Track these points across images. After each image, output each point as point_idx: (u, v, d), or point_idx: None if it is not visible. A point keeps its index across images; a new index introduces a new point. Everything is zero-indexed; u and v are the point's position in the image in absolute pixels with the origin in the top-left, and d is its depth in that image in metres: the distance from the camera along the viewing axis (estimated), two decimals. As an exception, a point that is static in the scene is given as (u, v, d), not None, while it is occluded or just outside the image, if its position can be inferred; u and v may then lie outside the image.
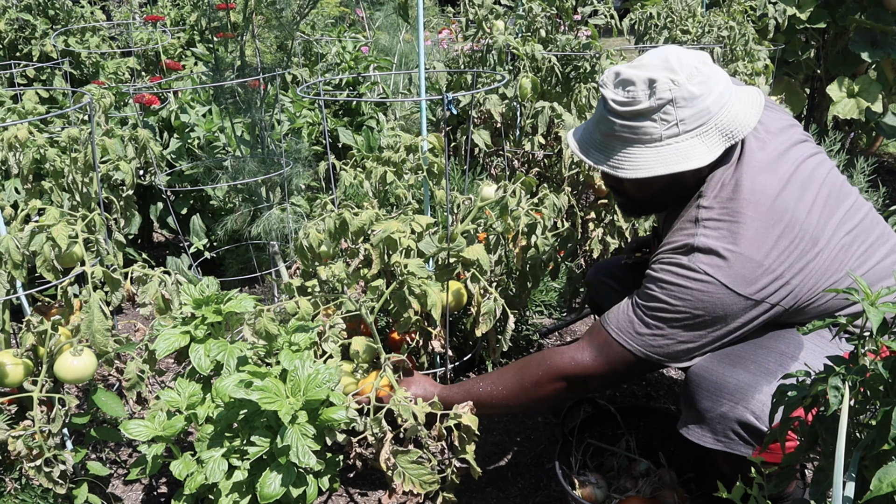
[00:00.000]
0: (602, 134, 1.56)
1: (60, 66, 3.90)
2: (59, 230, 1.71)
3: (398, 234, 1.77)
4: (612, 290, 2.17)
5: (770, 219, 1.46)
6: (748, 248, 1.44)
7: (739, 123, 1.49)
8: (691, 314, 1.48)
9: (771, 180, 1.51)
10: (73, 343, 1.72)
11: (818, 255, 1.49)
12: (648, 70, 1.47)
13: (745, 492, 1.25)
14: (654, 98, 1.45)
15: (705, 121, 1.47)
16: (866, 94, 4.25)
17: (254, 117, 2.60)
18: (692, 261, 1.47)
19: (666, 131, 1.47)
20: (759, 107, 1.53)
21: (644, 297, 1.55)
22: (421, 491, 1.68)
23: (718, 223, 1.48)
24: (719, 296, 1.45)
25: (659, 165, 1.48)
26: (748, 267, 1.44)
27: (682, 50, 1.51)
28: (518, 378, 1.70)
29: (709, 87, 1.46)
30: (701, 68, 1.47)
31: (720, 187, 1.52)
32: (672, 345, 1.53)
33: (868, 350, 1.06)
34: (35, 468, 1.65)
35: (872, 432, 1.04)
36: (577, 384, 1.65)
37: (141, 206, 3.19)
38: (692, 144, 1.47)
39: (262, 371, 1.59)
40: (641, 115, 1.48)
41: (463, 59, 3.11)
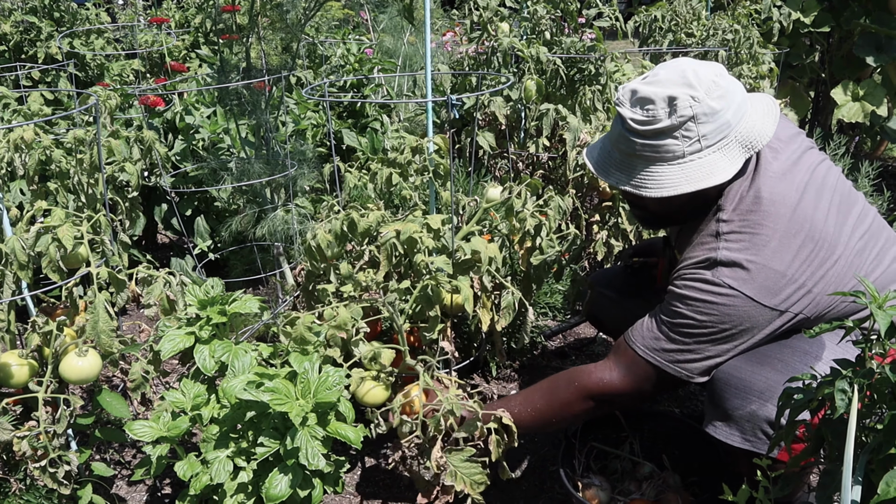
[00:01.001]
0: (621, 153, 1.55)
1: (65, 68, 3.91)
2: (65, 231, 1.71)
3: (417, 234, 1.77)
4: (609, 300, 2.16)
5: (791, 229, 1.46)
6: (771, 259, 1.44)
7: (758, 133, 1.48)
8: (718, 328, 1.48)
9: (789, 190, 1.51)
10: (78, 344, 1.72)
11: (836, 261, 1.49)
12: (666, 87, 1.45)
13: (751, 495, 1.25)
14: (675, 116, 1.44)
15: (726, 134, 1.46)
16: (871, 97, 4.24)
17: (258, 119, 2.60)
18: (716, 275, 1.47)
19: (688, 148, 1.46)
20: (774, 116, 1.52)
21: (668, 313, 1.54)
22: (471, 491, 1.66)
23: (740, 235, 1.48)
24: (745, 308, 1.45)
25: (685, 183, 1.47)
26: (772, 278, 1.44)
27: (697, 63, 1.50)
28: (547, 399, 1.70)
29: (728, 101, 1.45)
30: (719, 82, 1.46)
31: (738, 199, 1.51)
32: (699, 360, 1.53)
33: (875, 353, 1.06)
34: (40, 469, 1.66)
35: (879, 436, 1.04)
36: (605, 403, 1.66)
37: (146, 207, 3.20)
38: (714, 159, 1.47)
39: (272, 372, 1.59)
40: (663, 134, 1.46)
41: (467, 61, 3.12)
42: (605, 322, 2.26)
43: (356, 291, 1.83)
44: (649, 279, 2.16)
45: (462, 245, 1.85)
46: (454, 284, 1.74)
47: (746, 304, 1.45)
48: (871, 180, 3.52)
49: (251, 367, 1.66)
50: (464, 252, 1.85)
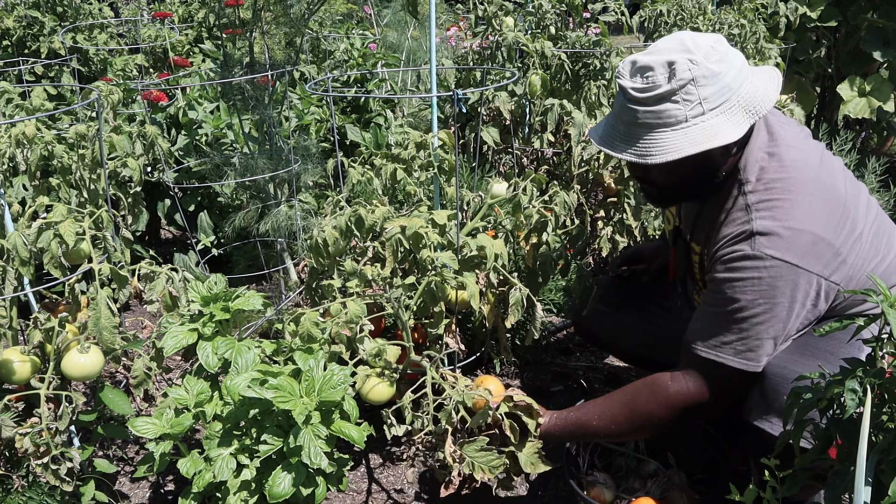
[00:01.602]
0: (625, 125, 1.54)
1: (68, 63, 3.91)
2: (67, 227, 1.71)
3: (423, 230, 1.76)
4: (602, 314, 2.14)
5: (820, 193, 1.48)
6: (806, 223, 1.44)
7: (761, 98, 1.48)
8: (770, 303, 1.45)
9: (809, 157, 1.53)
10: (80, 340, 1.72)
11: (861, 235, 1.50)
12: (665, 54, 1.46)
13: (759, 494, 1.24)
14: (675, 80, 1.44)
15: (728, 97, 1.46)
16: (878, 93, 4.21)
17: (262, 114, 2.59)
18: (755, 248, 1.45)
19: (690, 111, 1.45)
20: (777, 82, 1.52)
21: (716, 302, 1.52)
22: (490, 476, 1.66)
23: (771, 203, 1.48)
24: (791, 275, 1.44)
25: (688, 146, 1.45)
26: (810, 241, 1.44)
27: (695, 33, 1.51)
28: (628, 412, 1.66)
29: (727, 64, 1.45)
30: (717, 47, 1.47)
31: (760, 169, 1.52)
32: (759, 345, 1.50)
33: (887, 353, 1.04)
34: (42, 465, 1.65)
35: (889, 436, 1.02)
36: (690, 412, 1.61)
37: (149, 202, 3.18)
38: (718, 122, 1.46)
39: (276, 370, 1.58)
40: (663, 99, 1.46)
41: (472, 56, 3.10)
42: (600, 336, 2.24)
43: (361, 287, 1.81)
44: (641, 287, 2.14)
45: (468, 241, 1.84)
46: (460, 281, 1.73)
47: (791, 273, 1.43)
48: (878, 176, 3.50)
49: (254, 365, 1.65)
50: (470, 248, 1.84)
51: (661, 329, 2.05)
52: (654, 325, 2.08)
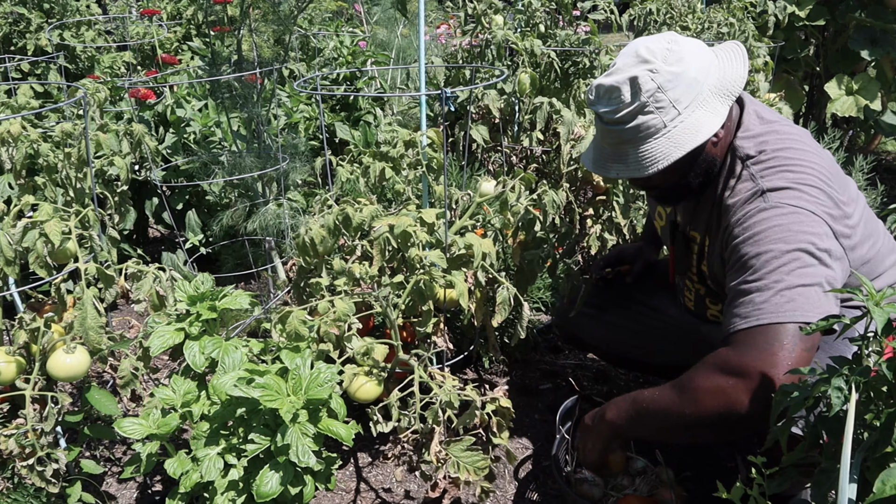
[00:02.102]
0: (611, 146, 1.57)
1: (55, 61, 3.87)
2: (53, 226, 1.69)
3: (412, 228, 1.75)
4: (587, 317, 2.15)
5: (822, 162, 1.50)
6: (817, 183, 1.45)
7: (731, 79, 1.51)
8: (799, 248, 1.37)
9: (804, 133, 1.56)
10: (66, 340, 1.70)
11: (855, 211, 1.52)
12: (625, 71, 1.49)
13: (745, 492, 1.24)
14: (642, 94, 1.47)
15: (698, 90, 1.48)
16: (865, 91, 4.24)
17: (250, 112, 2.58)
18: (768, 201, 1.45)
19: (666, 117, 1.48)
20: (742, 57, 1.55)
21: (739, 268, 1.43)
22: (475, 478, 1.66)
23: (777, 167, 1.49)
24: (812, 222, 1.39)
25: (675, 150, 1.48)
26: (823, 199, 1.44)
27: (646, 39, 1.53)
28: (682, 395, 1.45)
29: (687, 62, 1.48)
30: (672, 47, 1.49)
31: (759, 143, 1.53)
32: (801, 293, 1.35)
33: (872, 351, 1.05)
34: (27, 467, 1.64)
35: (875, 434, 1.03)
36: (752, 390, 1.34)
37: (136, 201, 3.17)
38: (697, 117, 1.48)
39: (263, 369, 1.57)
40: (637, 114, 1.49)
41: (461, 54, 3.09)
42: (584, 339, 2.23)
43: (349, 286, 1.81)
44: (625, 287, 2.14)
45: (456, 240, 1.83)
46: (448, 279, 1.73)
47: (812, 219, 1.40)
48: (865, 174, 3.52)
49: (242, 364, 1.65)
50: (458, 247, 1.83)
51: (647, 328, 2.06)
52: (639, 325, 2.08)
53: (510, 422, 1.71)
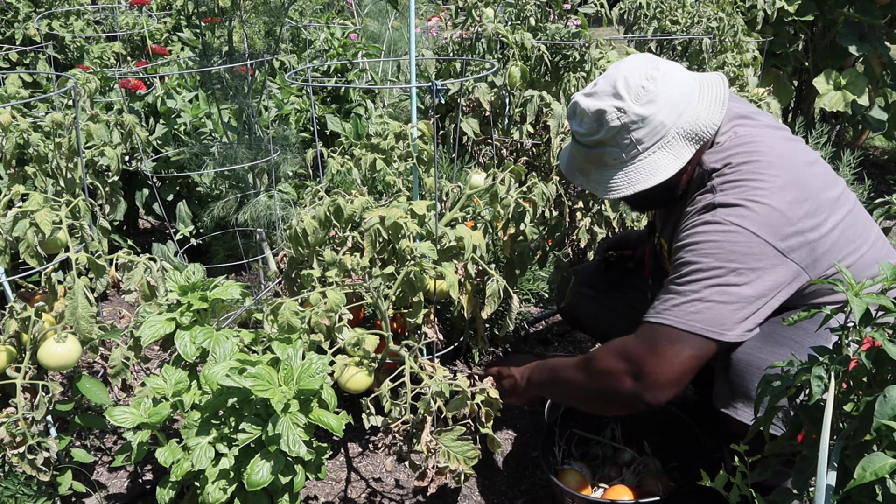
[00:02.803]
0: (578, 160, 1.65)
1: (44, 51, 3.85)
2: (43, 216, 1.69)
3: (402, 220, 1.77)
4: (587, 298, 2.16)
5: (788, 177, 1.48)
6: (770, 199, 1.45)
7: (703, 124, 1.53)
8: (725, 268, 1.43)
9: (779, 144, 1.55)
10: (56, 330, 1.71)
11: (826, 226, 1.51)
12: (598, 100, 1.53)
13: (729, 480, 1.26)
14: (606, 128, 1.52)
15: (663, 134, 1.52)
16: (853, 87, 4.27)
17: (241, 103, 2.58)
18: (716, 215, 1.47)
19: (626, 154, 1.54)
20: (723, 101, 1.55)
21: (674, 269, 1.52)
22: (465, 467, 1.67)
23: (735, 183, 1.49)
24: (749, 244, 1.43)
25: (627, 186, 1.55)
26: (773, 217, 1.44)
27: (631, 67, 1.53)
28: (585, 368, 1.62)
29: (658, 105, 1.50)
30: (647, 86, 1.50)
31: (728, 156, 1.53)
32: (709, 308, 1.44)
33: (852, 341, 1.07)
34: (18, 455, 1.64)
35: (855, 422, 1.05)
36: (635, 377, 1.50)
37: (127, 192, 3.16)
38: (657, 158, 1.53)
39: (254, 359, 1.58)
40: (602, 144, 1.55)
41: (452, 46, 3.10)
42: (581, 320, 2.25)
43: (340, 277, 1.82)
44: (626, 272, 2.16)
45: (447, 231, 1.84)
46: (438, 271, 1.74)
47: (751, 240, 1.43)
48: (853, 169, 3.56)
49: (233, 354, 1.65)
50: (448, 238, 1.85)
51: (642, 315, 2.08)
52: (635, 312, 2.10)
53: (498, 412, 1.73)
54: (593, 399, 1.64)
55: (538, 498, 1.97)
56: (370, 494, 1.98)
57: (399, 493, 1.99)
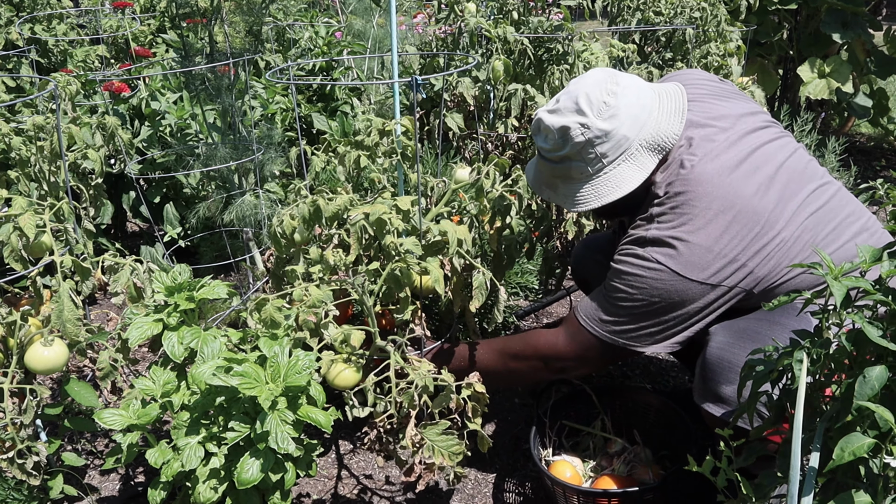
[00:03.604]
0: (545, 175, 1.69)
1: (27, 55, 3.83)
2: (27, 220, 1.69)
3: (387, 216, 1.77)
4: (599, 264, 2.18)
5: (719, 206, 1.50)
6: (697, 236, 1.50)
7: (664, 134, 1.57)
8: (648, 301, 1.55)
9: (718, 169, 1.55)
10: (43, 333, 1.70)
11: (776, 236, 1.52)
12: (562, 116, 1.57)
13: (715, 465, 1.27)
14: (570, 144, 1.56)
15: (627, 147, 1.56)
16: (837, 74, 4.29)
17: (224, 103, 2.57)
18: (646, 251, 1.54)
19: (591, 168, 1.58)
20: (682, 110, 1.59)
21: (608, 287, 1.63)
22: (450, 462, 1.68)
23: (670, 216, 1.54)
24: (672, 283, 1.51)
25: (594, 199, 1.60)
26: (698, 254, 1.50)
27: (591, 84, 1.57)
28: (499, 355, 1.82)
29: (620, 119, 1.54)
30: (609, 101, 1.54)
31: (668, 184, 1.57)
32: (635, 330, 1.60)
33: (832, 323, 1.08)
34: (7, 460, 1.64)
35: (836, 404, 1.06)
36: (554, 368, 1.76)
37: (113, 195, 3.15)
38: (622, 170, 1.57)
39: (241, 357, 1.58)
40: (567, 159, 1.60)
41: (436, 42, 3.10)
42: (591, 284, 2.28)
43: (325, 274, 1.82)
44: None
45: (431, 227, 1.85)
46: (423, 266, 1.74)
47: (673, 279, 1.51)
48: (838, 156, 3.58)
49: (220, 353, 1.65)
50: (433, 234, 1.85)
51: None
52: None
53: (485, 407, 1.73)
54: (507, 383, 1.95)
55: (530, 490, 1.97)
56: (361, 491, 1.99)
57: (390, 489, 1.99)
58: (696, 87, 1.76)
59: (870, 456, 0.99)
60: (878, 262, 1.08)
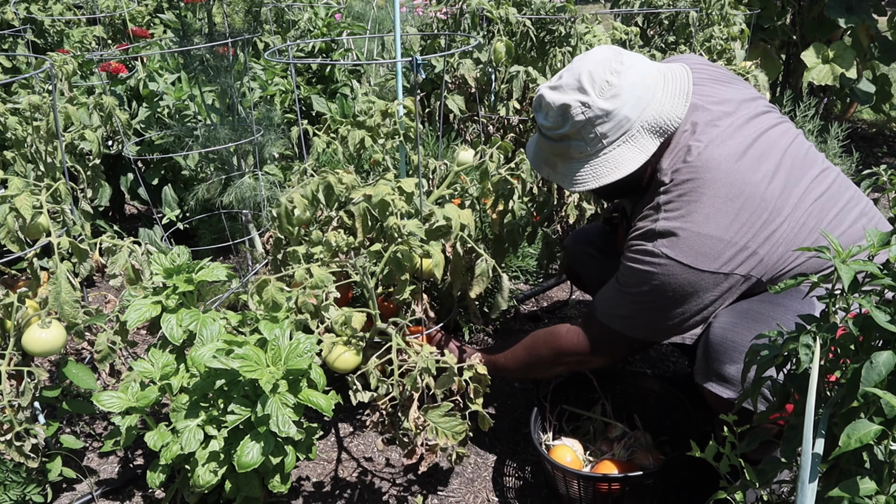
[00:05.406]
0: (545, 152, 1.66)
1: (23, 35, 3.79)
2: (23, 201, 1.67)
3: (390, 197, 1.75)
4: (591, 257, 2.17)
5: (727, 193, 1.49)
6: (706, 226, 1.48)
7: (667, 117, 1.54)
8: (663, 295, 1.54)
9: (725, 155, 1.53)
10: (40, 315, 1.69)
11: (783, 223, 1.51)
12: (563, 94, 1.54)
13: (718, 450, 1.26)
14: (570, 123, 1.53)
15: (628, 128, 1.53)
16: (841, 59, 4.26)
17: (223, 84, 2.54)
18: (656, 246, 1.52)
19: (591, 148, 1.55)
20: (687, 92, 1.56)
21: (622, 282, 1.62)
22: (453, 442, 1.69)
23: (677, 204, 1.52)
24: (685, 276, 1.50)
25: (592, 180, 1.57)
26: (708, 244, 1.48)
27: (595, 61, 1.54)
28: (527, 355, 1.84)
29: (622, 99, 1.51)
30: (612, 80, 1.51)
31: (674, 171, 1.55)
32: (654, 323, 1.60)
33: (839, 308, 1.06)
34: (5, 442, 1.63)
35: (842, 390, 1.05)
36: (581, 363, 1.78)
37: (112, 177, 3.13)
38: (621, 151, 1.54)
39: (241, 340, 1.57)
40: (567, 138, 1.57)
41: (436, 24, 3.07)
42: (583, 277, 2.29)
43: (327, 256, 1.80)
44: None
45: (435, 210, 1.83)
46: (425, 249, 1.72)
47: (685, 272, 1.50)
48: (840, 142, 3.55)
49: (220, 336, 1.64)
50: (437, 217, 1.83)
51: None
52: None
53: (487, 388, 1.73)
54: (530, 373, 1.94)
55: (530, 474, 1.97)
56: (361, 474, 1.98)
57: (390, 471, 1.99)
58: (697, 70, 1.73)
59: (875, 443, 0.98)
60: (886, 246, 1.07)
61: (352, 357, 1.72)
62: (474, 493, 1.92)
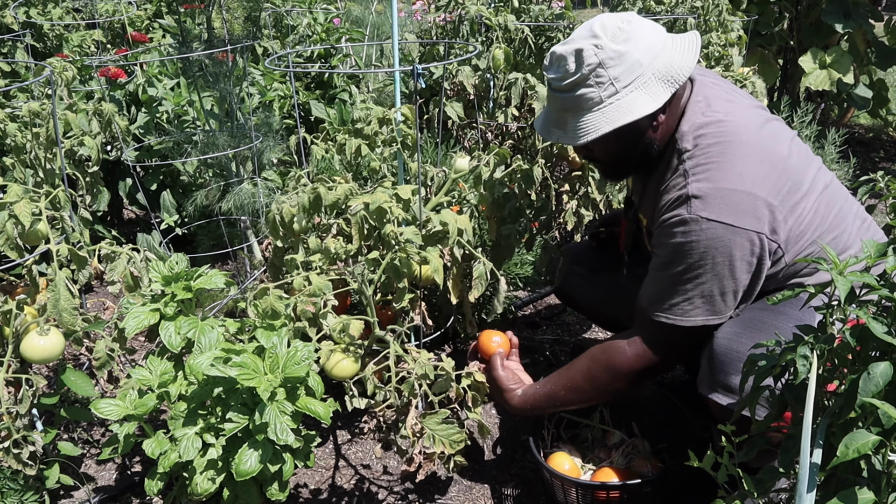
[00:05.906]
0: (556, 112, 1.63)
1: (22, 39, 3.79)
2: (22, 207, 1.67)
3: (387, 204, 1.75)
4: (580, 277, 2.17)
5: (756, 156, 1.50)
6: (741, 182, 1.48)
7: (678, 67, 1.54)
8: (709, 263, 1.49)
9: (750, 121, 1.56)
10: (39, 322, 1.69)
11: (803, 199, 1.53)
12: (575, 42, 1.54)
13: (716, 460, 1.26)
14: (584, 66, 1.52)
15: (640, 73, 1.52)
16: (838, 65, 4.27)
17: (222, 90, 2.55)
18: (691, 211, 1.50)
19: (604, 92, 1.53)
20: (695, 49, 1.57)
21: (659, 266, 1.58)
22: (450, 451, 1.67)
23: (706, 166, 1.51)
24: (727, 237, 1.47)
25: (604, 124, 1.53)
26: (744, 200, 1.47)
27: (607, 16, 1.57)
28: (589, 382, 1.72)
29: (634, 43, 1.51)
30: (623, 27, 1.52)
31: (697, 136, 1.55)
32: (709, 300, 1.54)
33: (837, 319, 1.07)
34: (3, 450, 1.63)
35: (839, 400, 1.05)
36: (647, 374, 1.67)
37: (110, 182, 3.13)
38: (633, 97, 1.53)
39: (239, 347, 1.57)
40: (578, 85, 1.54)
41: (435, 30, 3.07)
42: (576, 299, 2.26)
43: (325, 263, 1.80)
44: (617, 250, 2.16)
45: (432, 216, 1.83)
46: (423, 256, 1.73)
47: (728, 232, 1.47)
48: (838, 147, 3.56)
49: (218, 343, 1.64)
50: (434, 224, 1.83)
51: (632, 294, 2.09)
52: (625, 290, 2.11)
53: (485, 396, 1.73)
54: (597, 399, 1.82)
55: (528, 482, 1.97)
56: (359, 481, 1.98)
57: (388, 479, 1.99)
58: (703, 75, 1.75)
59: (873, 453, 0.98)
60: (883, 257, 1.07)
61: (350, 364, 1.72)
62: (472, 500, 1.92)
